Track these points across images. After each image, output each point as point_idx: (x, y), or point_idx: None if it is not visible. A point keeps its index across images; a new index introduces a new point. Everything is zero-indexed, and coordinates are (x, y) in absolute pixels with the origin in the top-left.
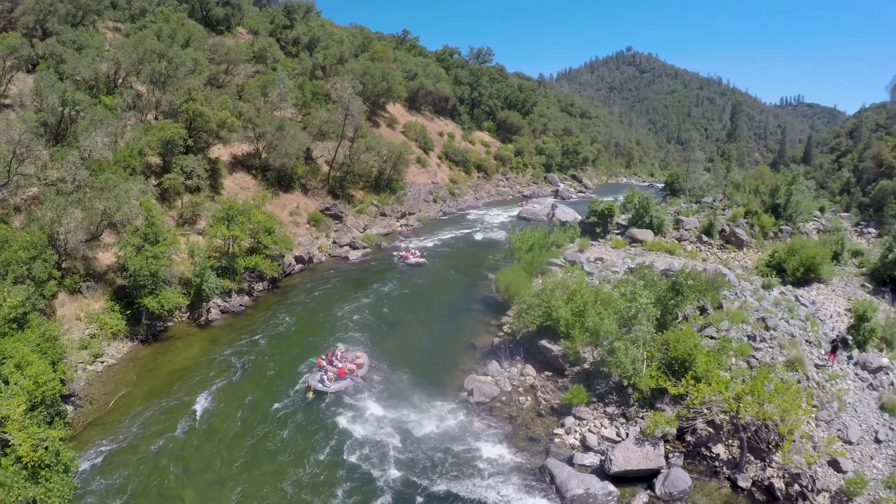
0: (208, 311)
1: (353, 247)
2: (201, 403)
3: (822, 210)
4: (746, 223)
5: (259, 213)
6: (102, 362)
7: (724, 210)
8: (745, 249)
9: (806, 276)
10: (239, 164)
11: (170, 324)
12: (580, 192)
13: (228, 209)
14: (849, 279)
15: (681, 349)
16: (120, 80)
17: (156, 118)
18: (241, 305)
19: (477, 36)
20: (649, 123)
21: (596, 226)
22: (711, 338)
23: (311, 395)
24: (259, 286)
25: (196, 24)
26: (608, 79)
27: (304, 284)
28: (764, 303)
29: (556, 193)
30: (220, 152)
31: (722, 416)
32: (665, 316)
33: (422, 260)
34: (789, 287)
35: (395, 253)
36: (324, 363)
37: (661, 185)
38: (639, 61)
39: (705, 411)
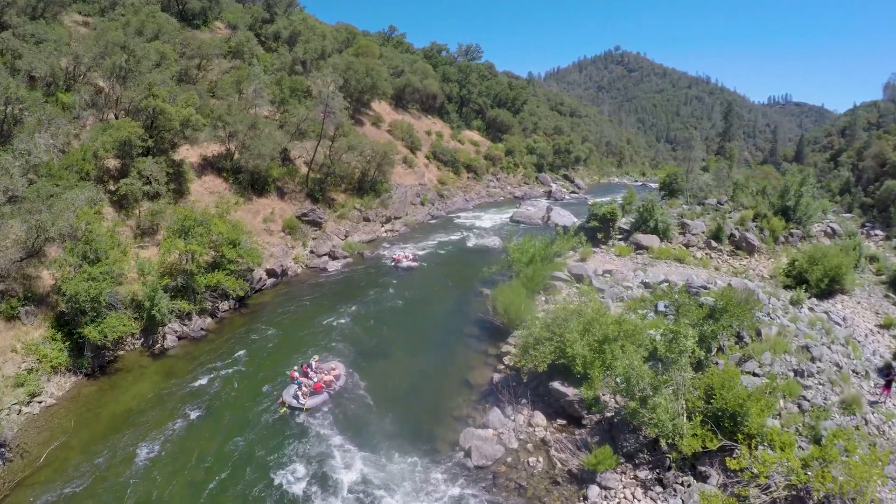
0: (163, 337)
1: (333, 256)
2: (146, 453)
3: (823, 211)
4: (756, 227)
5: (221, 223)
6: (41, 402)
7: (730, 213)
8: (756, 255)
9: (829, 288)
10: (209, 166)
11: (121, 352)
12: (573, 192)
13: (184, 220)
14: (871, 289)
15: (729, 399)
16: (80, 76)
17: (116, 116)
18: (202, 329)
19: (464, 35)
20: (638, 122)
21: (597, 231)
22: (754, 374)
23: (283, 410)
24: (224, 306)
25: (168, 18)
26: (596, 78)
27: (277, 301)
28: (800, 324)
29: (548, 194)
30: (189, 154)
31: (786, 491)
32: (700, 348)
33: (414, 263)
34: (813, 300)
35: (387, 255)
36: (297, 375)
37: (654, 185)
38: (627, 60)
39: (772, 485)
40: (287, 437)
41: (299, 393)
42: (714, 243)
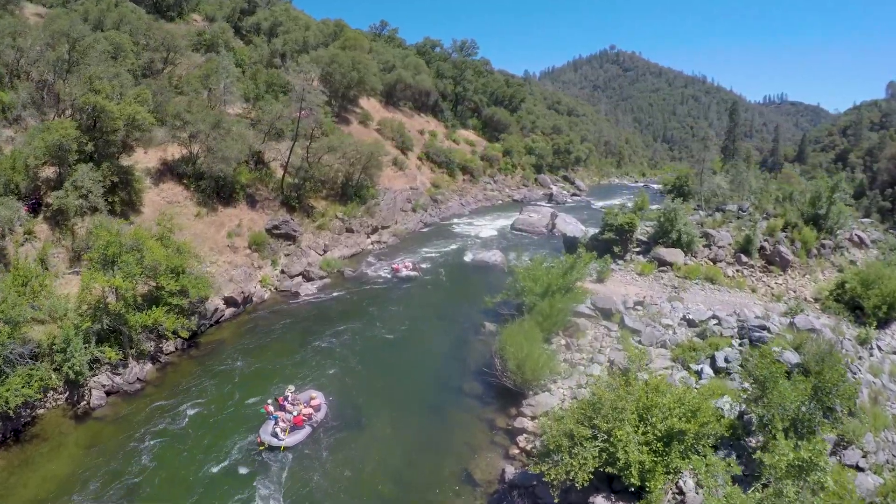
0: (89, 392)
1: (308, 277)
2: None
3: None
4: (786, 238)
5: (157, 248)
6: None
7: (759, 222)
8: (789, 271)
9: (887, 316)
10: (169, 171)
11: (40, 411)
12: (574, 194)
13: (107, 246)
14: None
15: None
16: (24, 72)
17: (58, 116)
18: (138, 380)
19: (458, 34)
20: (634, 122)
21: (612, 243)
22: (857, 468)
23: (261, 448)
24: (169, 347)
25: (136, 8)
26: (592, 77)
27: (237, 337)
28: (884, 378)
29: (549, 197)
30: (146, 158)
31: None
32: (788, 434)
33: (414, 273)
34: (869, 329)
35: (371, 273)
36: (272, 409)
37: (656, 187)
38: (622, 60)
39: None
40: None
41: (277, 429)
42: (744, 258)
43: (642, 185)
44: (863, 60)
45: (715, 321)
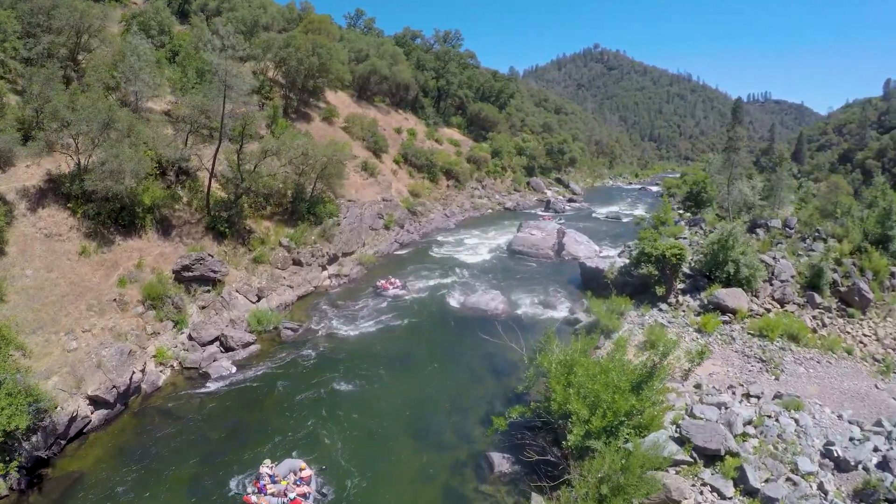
0: None
1: (226, 345)
2: None
3: None
4: (855, 267)
5: None
6: None
7: (828, 247)
8: (868, 312)
9: None
10: (54, 192)
11: None
12: (570, 200)
13: None
14: None
15: None
16: None
17: None
18: None
19: (440, 27)
20: (621, 121)
21: (652, 280)
22: None
23: None
24: None
25: None
26: (576, 76)
27: (108, 463)
28: None
29: (546, 205)
30: (27, 174)
31: None
32: None
33: (402, 292)
34: None
35: (322, 330)
36: (254, 500)
37: (655, 189)
38: (606, 58)
39: None
40: None
41: None
42: (817, 297)
43: (639, 187)
44: (846, 59)
45: (874, 454)
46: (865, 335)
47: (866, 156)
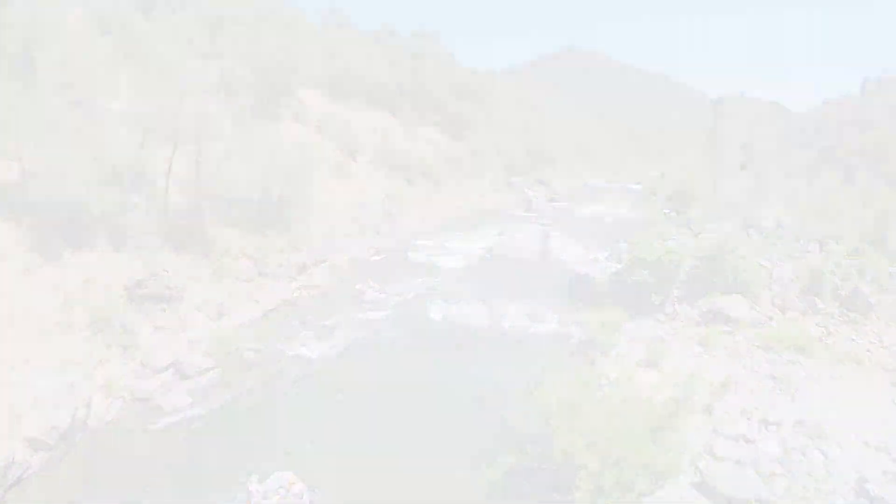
0: None
1: (183, 373)
2: None
3: None
4: (854, 269)
5: None
6: None
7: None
8: (870, 316)
9: None
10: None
11: None
12: (552, 200)
13: None
14: None
15: None
16: None
17: None
18: None
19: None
20: (597, 119)
21: (647, 286)
22: None
23: None
24: None
25: None
26: (552, 76)
27: None
28: None
29: (529, 205)
30: None
31: None
32: None
33: (381, 296)
34: None
35: (290, 352)
36: None
37: (637, 187)
38: (582, 58)
39: None
40: None
41: None
42: (819, 302)
43: (619, 186)
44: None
45: None
46: (871, 342)
47: (847, 153)
